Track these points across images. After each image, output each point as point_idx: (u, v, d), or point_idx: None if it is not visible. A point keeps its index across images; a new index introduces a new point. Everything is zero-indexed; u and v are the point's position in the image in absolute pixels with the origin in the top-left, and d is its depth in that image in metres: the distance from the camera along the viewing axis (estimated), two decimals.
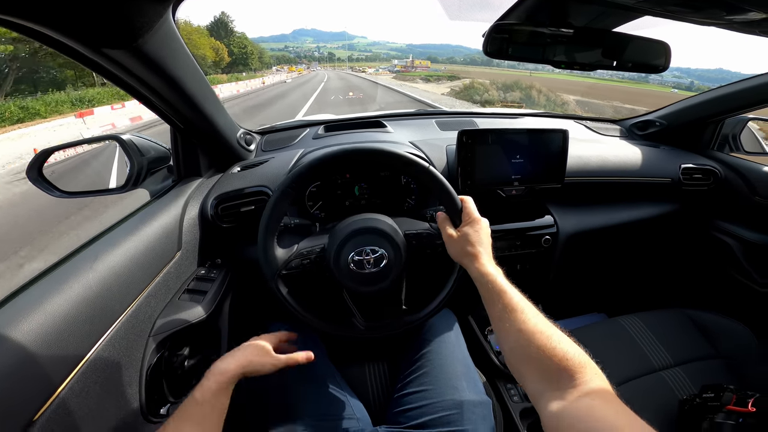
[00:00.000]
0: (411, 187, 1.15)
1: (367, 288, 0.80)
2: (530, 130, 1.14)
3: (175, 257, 0.87)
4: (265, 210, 0.76)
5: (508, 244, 1.18)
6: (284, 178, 0.77)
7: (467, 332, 1.21)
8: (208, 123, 0.97)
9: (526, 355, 0.52)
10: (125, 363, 0.69)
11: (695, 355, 1.11)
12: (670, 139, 1.53)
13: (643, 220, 1.35)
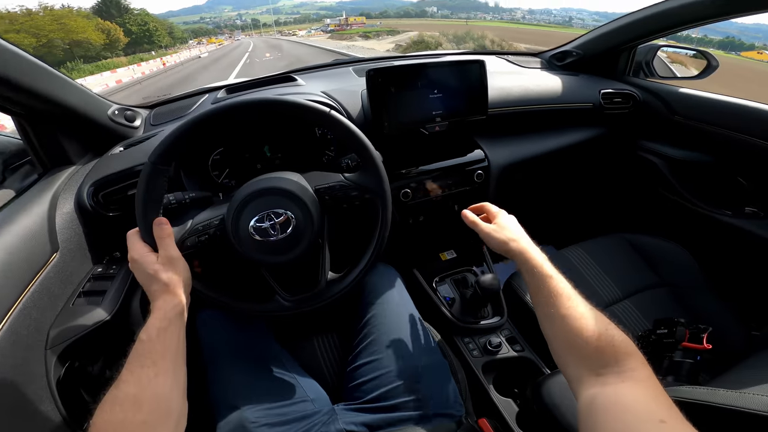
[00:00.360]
0: (328, 138, 1.06)
1: (279, 258, 0.70)
2: (444, 63, 1.07)
3: (53, 260, 0.74)
4: (137, 194, 0.64)
5: (442, 184, 1.14)
6: (150, 152, 0.64)
7: (414, 288, 1.18)
8: (48, 102, 0.81)
9: (571, 340, 0.52)
10: (23, 382, 0.63)
11: (641, 284, 1.15)
12: (587, 68, 1.57)
13: (572, 145, 1.38)
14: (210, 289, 0.71)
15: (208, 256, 0.73)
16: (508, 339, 1.06)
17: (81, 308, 0.74)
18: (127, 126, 1.03)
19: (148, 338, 0.54)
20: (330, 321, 0.97)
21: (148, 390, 0.50)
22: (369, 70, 0.99)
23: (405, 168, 1.10)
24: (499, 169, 1.21)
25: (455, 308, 1.12)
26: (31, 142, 0.87)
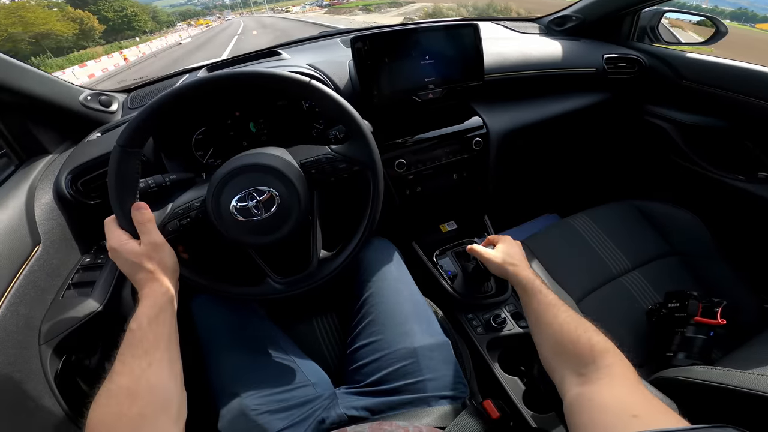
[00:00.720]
0: (316, 111, 1.02)
1: (266, 238, 0.67)
2: (434, 27, 1.01)
3: (35, 253, 0.72)
4: (108, 180, 0.60)
5: (439, 153, 1.10)
6: (118, 135, 0.60)
7: (414, 262, 1.15)
8: (10, 93, 0.78)
9: (555, 346, 0.56)
10: (17, 379, 0.62)
11: (651, 253, 1.12)
12: (589, 33, 1.51)
13: (575, 111, 1.33)
14: (198, 275, 0.68)
15: (193, 240, 0.70)
16: (512, 314, 1.02)
17: (71, 300, 0.73)
18: (102, 111, 0.99)
19: (139, 327, 0.52)
20: (328, 301, 0.95)
21: (142, 381, 0.48)
22: (353, 38, 0.93)
23: (399, 138, 1.05)
24: (499, 136, 1.16)
25: (457, 283, 1.09)
26: (1, 133, 0.84)
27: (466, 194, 1.24)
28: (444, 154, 1.11)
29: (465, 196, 1.25)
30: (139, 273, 0.58)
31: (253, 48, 1.40)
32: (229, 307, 0.81)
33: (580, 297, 1.02)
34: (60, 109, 0.90)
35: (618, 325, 0.96)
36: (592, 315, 0.94)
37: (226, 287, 0.71)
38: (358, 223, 0.74)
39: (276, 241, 0.67)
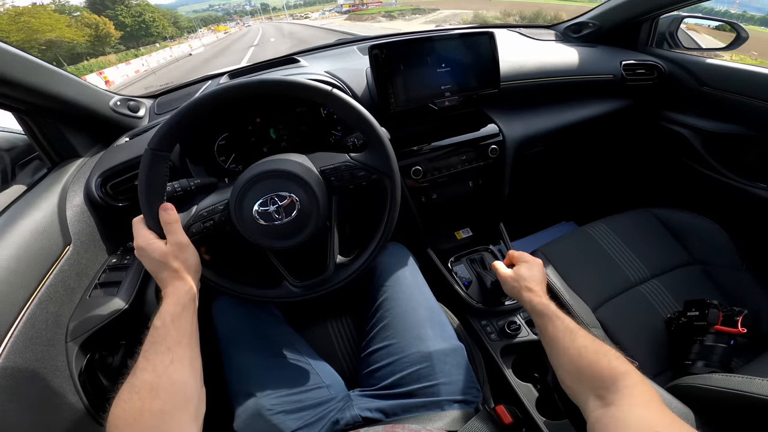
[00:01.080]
0: (334, 118, 1.04)
1: (285, 242, 0.69)
2: (450, 35, 1.03)
3: (66, 253, 0.75)
4: (138, 181, 0.63)
5: (454, 161, 1.11)
6: (149, 139, 0.63)
7: (429, 268, 1.15)
8: (49, 98, 0.81)
9: (576, 370, 0.55)
10: (43, 376, 0.64)
11: (670, 263, 1.10)
12: (606, 39, 1.50)
13: (592, 118, 1.32)
14: (218, 276, 0.71)
15: (215, 242, 0.72)
16: (527, 321, 1.02)
17: (98, 299, 0.75)
18: (131, 116, 1.03)
19: (162, 324, 0.54)
20: (343, 304, 0.96)
21: (165, 377, 0.50)
22: (372, 44, 0.95)
23: (416, 145, 1.07)
24: (515, 144, 1.16)
25: (473, 290, 1.09)
26: (36, 137, 0.87)
27: (481, 202, 1.25)
28: (460, 162, 1.11)
29: (480, 203, 1.25)
30: (164, 272, 0.60)
31: (271, 56, 1.43)
32: (247, 310, 0.83)
33: (597, 305, 1.01)
34: (92, 114, 0.93)
35: (636, 334, 0.95)
36: (609, 323, 0.95)
37: (245, 289, 0.73)
38: (375, 229, 0.75)
39: (295, 245, 0.69)
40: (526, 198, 1.59)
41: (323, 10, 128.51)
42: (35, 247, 0.69)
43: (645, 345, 0.93)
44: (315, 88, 0.66)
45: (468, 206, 1.26)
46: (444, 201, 1.17)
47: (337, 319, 0.94)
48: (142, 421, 0.46)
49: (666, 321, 0.96)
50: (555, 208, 1.88)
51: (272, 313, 0.87)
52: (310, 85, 0.66)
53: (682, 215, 1.22)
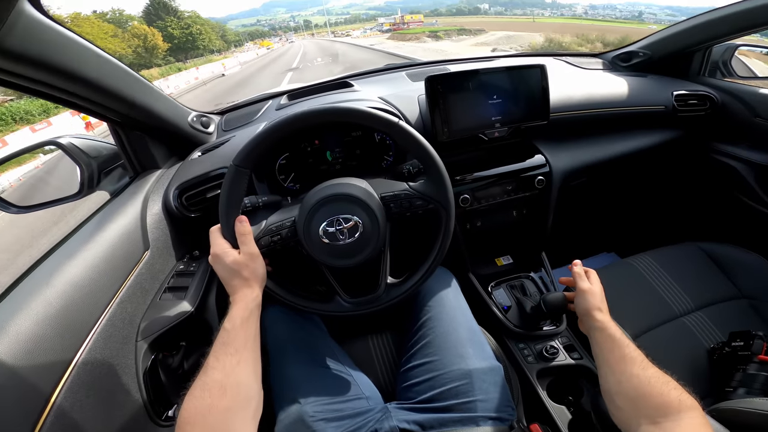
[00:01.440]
0: (387, 143, 1.08)
1: (345, 261, 0.73)
2: (503, 68, 1.05)
3: (144, 258, 0.82)
4: (221, 194, 0.69)
5: (500, 190, 1.13)
6: (234, 156, 0.70)
7: (469, 291, 1.17)
8: (141, 111, 0.90)
9: (641, 396, 0.56)
10: (116, 371, 0.68)
11: (717, 296, 1.07)
12: (656, 68, 1.48)
13: (641, 150, 1.30)
14: (278, 287, 0.75)
15: (278, 255, 0.77)
16: (565, 347, 1.03)
17: (167, 302, 0.81)
18: (203, 131, 1.11)
19: (233, 327, 0.59)
20: (385, 321, 0.99)
21: (232, 377, 0.55)
22: (429, 76, 0.99)
23: (464, 174, 1.09)
24: (561, 175, 1.17)
25: (512, 315, 1.11)
26: (125, 148, 0.96)
27: (524, 230, 1.26)
28: (506, 191, 1.13)
29: (523, 232, 1.26)
30: (235, 279, 0.66)
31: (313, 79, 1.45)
32: (296, 321, 0.87)
33: (637, 333, 1.00)
34: (174, 129, 1.02)
35: (676, 361, 0.93)
36: (650, 352, 0.92)
37: (301, 300, 0.77)
38: (427, 255, 0.78)
39: (353, 264, 0.73)
40: (568, 227, 1.58)
41: (364, 28, 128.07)
42: (121, 250, 0.77)
43: (686, 372, 0.92)
44: (384, 119, 0.71)
45: (510, 234, 1.27)
46: (487, 228, 1.19)
47: (378, 334, 0.97)
48: (210, 417, 0.50)
49: (709, 351, 0.95)
50: (597, 239, 1.85)
51: (318, 325, 0.91)
52: (379, 116, 0.71)
53: (731, 250, 1.19)
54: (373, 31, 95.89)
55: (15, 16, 0.55)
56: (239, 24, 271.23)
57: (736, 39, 1.32)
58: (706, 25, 1.26)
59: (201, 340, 0.89)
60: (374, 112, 0.71)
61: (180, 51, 62.06)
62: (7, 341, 0.53)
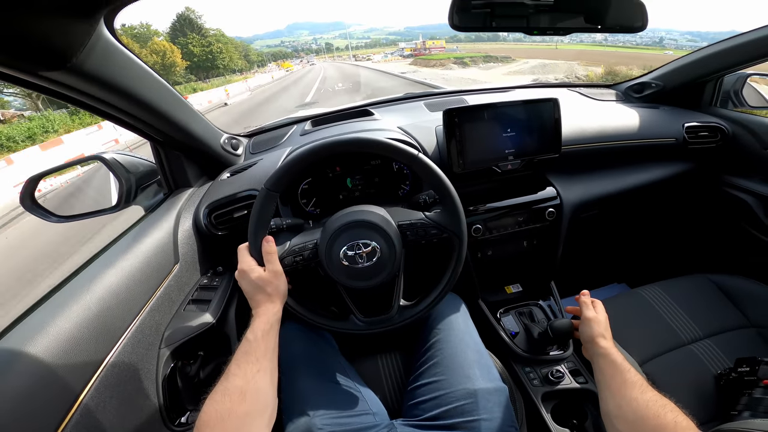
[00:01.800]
0: (404, 173, 1.13)
1: (362, 283, 0.78)
2: (518, 102, 1.10)
3: (174, 270, 0.87)
4: (252, 214, 0.75)
5: (512, 221, 1.16)
6: (266, 180, 0.76)
7: (478, 317, 1.20)
8: (183, 132, 0.96)
9: (640, 419, 0.58)
10: (138, 376, 0.72)
11: (725, 325, 1.08)
12: (668, 99, 1.50)
13: (651, 183, 1.31)
14: (297, 304, 0.80)
15: (298, 274, 0.82)
16: (571, 371, 1.05)
17: (191, 313, 0.86)
18: (232, 153, 1.18)
19: (255, 338, 0.64)
20: (395, 342, 1.02)
21: (252, 384, 0.59)
22: (447, 109, 1.04)
23: (476, 204, 1.13)
24: (572, 207, 1.19)
25: (519, 340, 1.13)
26: (162, 165, 1.03)
27: (534, 260, 1.28)
28: (517, 222, 1.16)
29: (533, 261, 1.29)
30: (259, 294, 0.71)
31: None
32: (310, 338, 0.91)
33: (644, 359, 1.00)
34: (207, 150, 1.08)
35: (683, 387, 0.94)
36: (656, 376, 0.97)
37: (317, 318, 0.82)
38: (438, 280, 0.82)
39: (369, 286, 0.78)
40: (578, 258, 1.59)
41: (385, 52, 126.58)
42: (155, 262, 0.82)
43: (692, 397, 0.93)
44: (405, 152, 0.76)
45: (520, 264, 1.30)
46: (498, 257, 1.22)
47: (387, 354, 1.00)
48: (230, 421, 0.54)
49: (716, 377, 0.95)
50: (607, 269, 1.85)
51: (330, 343, 0.95)
52: (401, 148, 0.76)
53: (740, 281, 1.19)
54: (394, 55, 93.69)
55: (94, 40, 0.60)
56: (264, 44, 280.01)
57: (747, 68, 1.32)
58: (717, 54, 1.28)
59: (219, 351, 0.94)
60: (396, 145, 0.76)
61: (200, 69, 59.91)
62: (47, 340, 0.57)
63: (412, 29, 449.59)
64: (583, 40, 67.64)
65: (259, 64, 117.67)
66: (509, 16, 0.72)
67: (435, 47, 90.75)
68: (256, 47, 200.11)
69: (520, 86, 1.71)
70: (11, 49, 0.52)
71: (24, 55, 0.54)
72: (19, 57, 0.54)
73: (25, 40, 0.51)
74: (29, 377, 0.54)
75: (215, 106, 17.08)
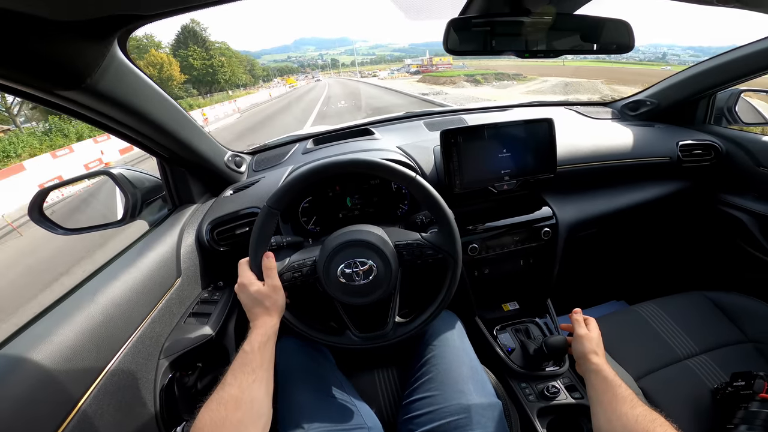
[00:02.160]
0: (403, 193, 1.15)
1: (358, 300, 0.79)
2: (513, 123, 1.12)
3: (176, 284, 0.89)
4: (253, 231, 0.77)
5: (508, 240, 1.17)
6: (267, 198, 0.78)
7: (475, 334, 1.20)
8: (189, 150, 0.99)
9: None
10: (137, 386, 0.73)
11: (721, 341, 1.08)
12: (663, 117, 1.51)
13: (647, 202, 1.32)
14: (295, 318, 0.82)
15: (296, 290, 0.84)
16: (567, 387, 1.05)
17: (191, 326, 0.88)
18: (235, 171, 1.21)
19: (251, 350, 0.66)
20: (391, 358, 1.03)
21: (247, 393, 0.60)
22: (444, 130, 1.07)
23: (473, 224, 1.15)
24: (568, 227, 1.21)
25: (515, 356, 1.13)
26: (168, 182, 1.06)
27: (530, 278, 1.29)
28: (513, 242, 1.18)
29: (530, 280, 1.30)
30: (257, 307, 0.73)
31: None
32: (307, 352, 0.93)
33: (640, 375, 1.01)
34: (212, 167, 1.11)
35: (679, 402, 0.94)
36: (652, 391, 0.97)
37: (315, 332, 0.83)
38: (434, 298, 0.84)
39: (365, 303, 0.80)
40: (575, 276, 1.60)
41: (390, 69, 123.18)
42: (158, 276, 0.84)
43: (688, 412, 0.93)
44: (403, 174, 0.79)
45: (517, 282, 1.31)
46: (495, 276, 1.24)
47: (384, 369, 1.01)
48: (224, 428, 0.55)
49: (712, 391, 0.95)
50: (604, 287, 1.86)
51: (327, 357, 0.96)
52: (399, 170, 0.79)
53: (736, 298, 1.19)
54: (400, 72, 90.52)
55: (108, 60, 0.63)
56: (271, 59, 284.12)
57: (740, 84, 1.33)
58: (710, 71, 1.30)
59: (217, 363, 0.95)
60: (394, 167, 0.79)
61: (201, 84, 55.10)
62: (50, 348, 0.59)
63: (417, 46, 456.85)
64: (586, 56, 67.18)
65: (264, 78, 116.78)
66: (508, 34, 0.73)
67: (442, 64, 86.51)
68: (263, 62, 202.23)
69: (518, 105, 1.74)
70: (31, 69, 0.54)
71: (43, 74, 0.56)
72: (38, 76, 0.56)
73: (45, 61, 0.54)
74: (30, 383, 0.55)
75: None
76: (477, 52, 0.74)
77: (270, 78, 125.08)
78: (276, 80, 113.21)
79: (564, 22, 0.72)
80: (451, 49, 0.72)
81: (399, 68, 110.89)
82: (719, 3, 0.62)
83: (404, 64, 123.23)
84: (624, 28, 0.71)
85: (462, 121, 1.50)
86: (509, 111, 1.64)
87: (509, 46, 0.73)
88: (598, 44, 0.72)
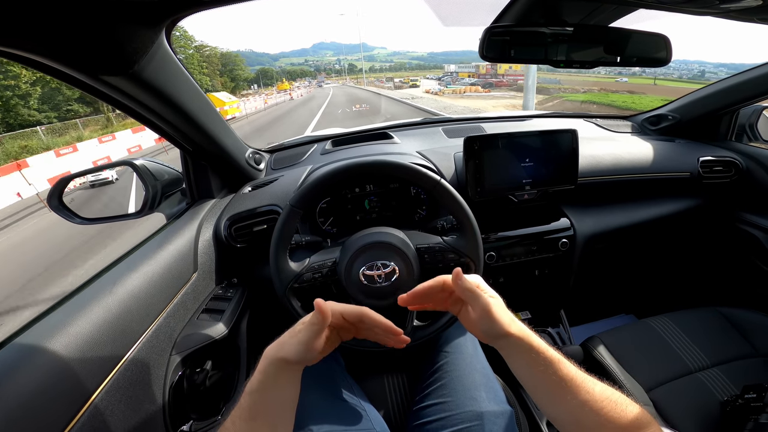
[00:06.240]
0: (421, 198, 1.15)
1: (378, 302, 0.79)
2: (538, 132, 1.12)
3: (192, 279, 0.89)
4: (275, 229, 0.77)
5: (525, 250, 1.16)
6: (292, 196, 0.78)
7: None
8: (215, 144, 0.99)
9: (598, 420, 0.49)
10: (148, 381, 0.72)
11: (733, 354, 1.07)
12: (684, 132, 1.50)
13: (664, 217, 1.31)
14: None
15: (313, 291, 0.83)
16: None
17: (203, 322, 0.87)
18: (255, 168, 1.21)
19: (249, 391, 0.54)
20: (403, 363, 1.02)
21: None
22: (468, 136, 1.06)
23: (490, 233, 1.14)
24: (585, 239, 1.20)
25: None
26: (189, 175, 1.06)
27: (545, 288, 1.28)
28: (529, 251, 1.17)
29: (544, 290, 1.29)
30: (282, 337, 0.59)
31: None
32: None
33: (651, 386, 1.00)
34: (233, 162, 1.11)
35: (689, 414, 0.93)
36: (662, 402, 0.96)
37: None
38: None
39: (386, 306, 0.79)
40: (588, 287, 1.58)
41: (427, 76, 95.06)
42: (175, 269, 0.84)
43: (698, 424, 0.92)
44: (427, 177, 0.79)
45: (531, 291, 1.30)
46: (509, 285, 1.23)
47: (393, 374, 1.00)
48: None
49: (722, 404, 0.94)
50: (616, 300, 1.84)
51: (338, 361, 0.95)
52: (425, 173, 0.79)
53: (749, 314, 1.17)
54: (463, 85, 48.50)
55: (155, 48, 0.63)
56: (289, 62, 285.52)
57: (763, 101, 1.31)
58: (734, 87, 1.29)
59: (228, 362, 0.94)
60: (420, 169, 0.79)
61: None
62: (66, 339, 0.58)
63: (435, 55, 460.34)
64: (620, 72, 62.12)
65: (265, 83, 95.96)
66: (543, 45, 0.73)
67: (513, 74, 54.52)
68: (281, 64, 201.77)
69: (536, 115, 1.73)
70: (84, 50, 0.53)
71: (94, 57, 0.56)
72: (88, 59, 0.56)
73: (99, 42, 0.53)
74: (45, 373, 0.54)
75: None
76: (513, 60, 0.74)
77: (272, 84, 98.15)
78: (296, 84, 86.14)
79: (600, 34, 0.72)
80: (487, 56, 0.72)
81: (440, 76, 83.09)
82: (760, 20, 0.62)
83: (446, 72, 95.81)
84: (662, 41, 0.71)
85: (480, 129, 1.50)
86: (527, 121, 1.63)
87: (546, 55, 0.73)
88: (635, 57, 0.71)
